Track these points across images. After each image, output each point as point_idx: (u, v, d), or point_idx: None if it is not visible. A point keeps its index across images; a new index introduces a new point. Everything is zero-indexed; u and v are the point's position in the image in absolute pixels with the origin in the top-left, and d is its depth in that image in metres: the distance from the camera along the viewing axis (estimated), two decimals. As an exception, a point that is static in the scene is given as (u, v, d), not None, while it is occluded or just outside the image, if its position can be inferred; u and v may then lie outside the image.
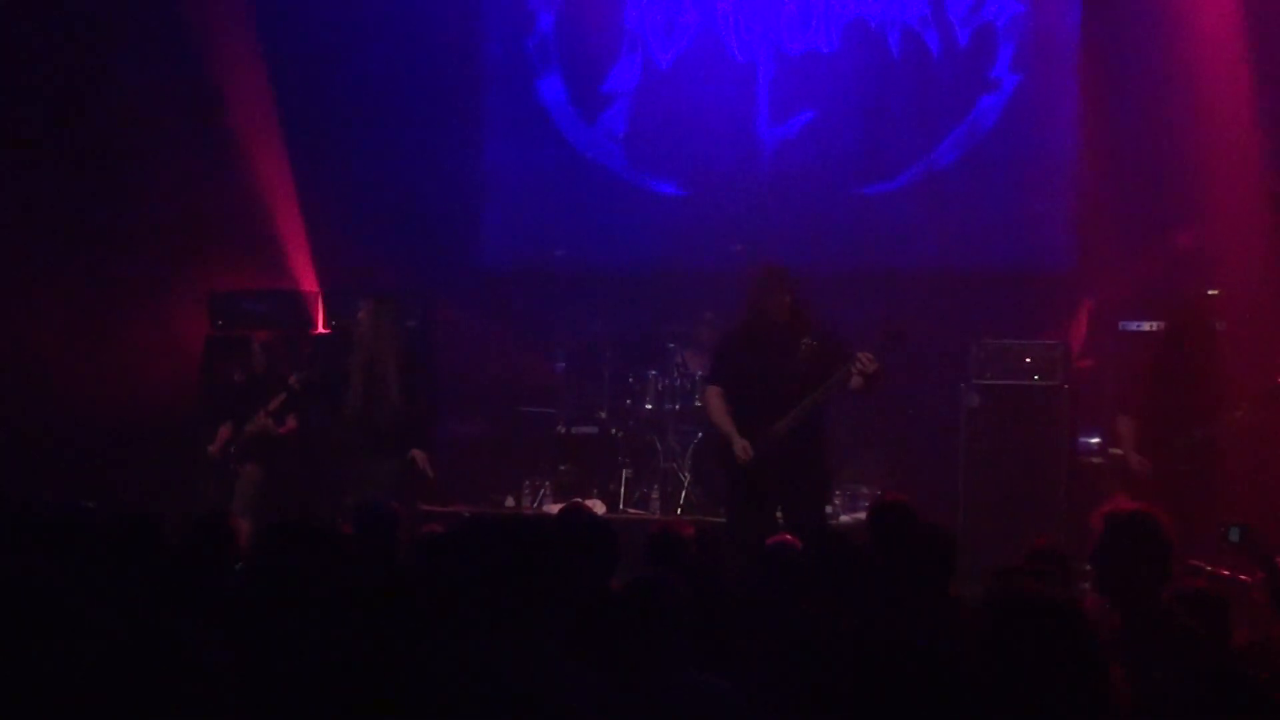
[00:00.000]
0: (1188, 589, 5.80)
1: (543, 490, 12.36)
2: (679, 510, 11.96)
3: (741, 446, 9.30)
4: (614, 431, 12.57)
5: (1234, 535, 6.78)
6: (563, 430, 12.62)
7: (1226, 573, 6.85)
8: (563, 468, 12.51)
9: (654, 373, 12.62)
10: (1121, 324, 11.55)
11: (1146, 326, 11.26)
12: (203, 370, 12.68)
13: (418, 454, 10.69)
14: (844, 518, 11.87)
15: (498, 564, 4.72)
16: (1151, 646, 5.17)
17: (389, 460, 10.66)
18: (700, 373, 12.02)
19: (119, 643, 3.73)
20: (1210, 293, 11.55)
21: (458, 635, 4.71)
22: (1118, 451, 10.44)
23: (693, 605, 5.01)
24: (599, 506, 11.53)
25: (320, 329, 12.95)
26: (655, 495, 12.26)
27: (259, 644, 4.59)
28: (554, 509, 11.44)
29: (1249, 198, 12.08)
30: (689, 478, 12.17)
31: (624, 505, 12.22)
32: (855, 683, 3.67)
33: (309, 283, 13.42)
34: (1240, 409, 9.74)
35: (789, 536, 7.23)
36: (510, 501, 12.40)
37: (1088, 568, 9.29)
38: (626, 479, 12.39)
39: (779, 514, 9.35)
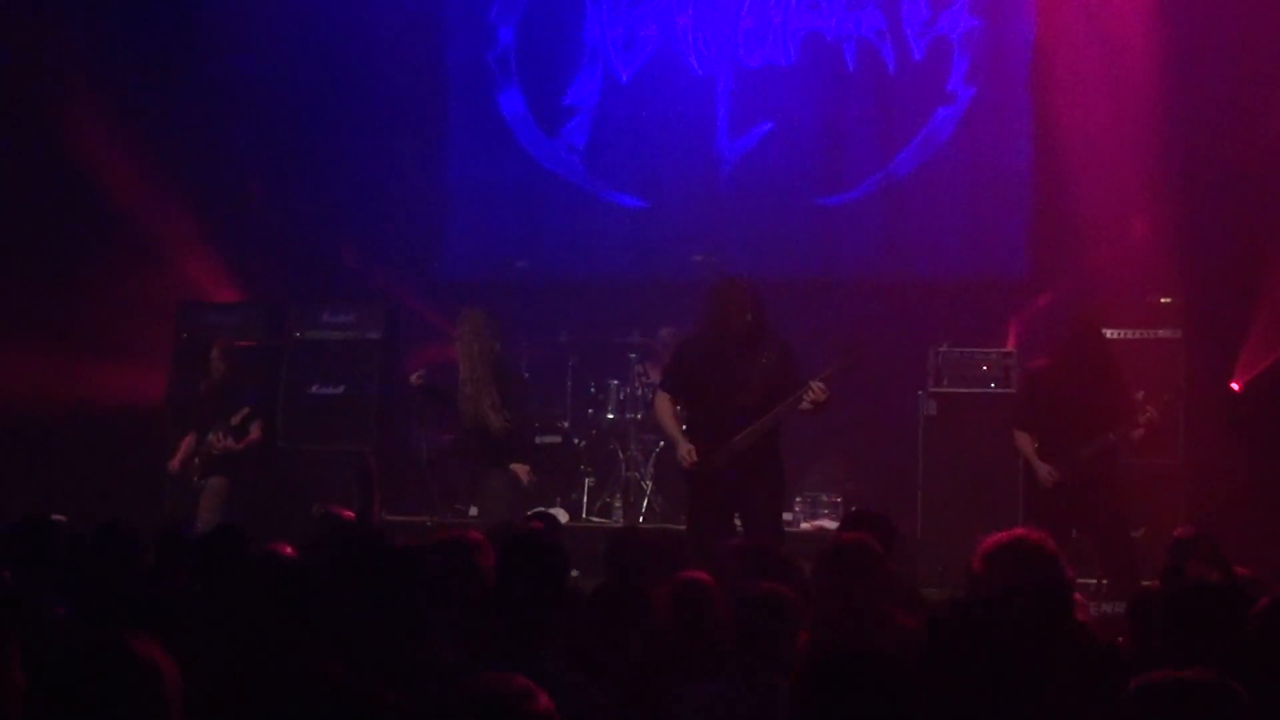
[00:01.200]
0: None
1: (506, 499, 12.42)
2: (641, 518, 12.06)
3: (686, 450, 9.32)
4: (576, 441, 12.67)
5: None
6: (526, 439, 12.72)
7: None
8: (525, 477, 12.60)
9: (615, 382, 12.71)
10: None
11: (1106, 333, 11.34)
12: (170, 381, 12.73)
13: (518, 468, 10.58)
14: (805, 524, 12.00)
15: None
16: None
17: (498, 472, 10.62)
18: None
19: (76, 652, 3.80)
20: (1163, 300, 11.71)
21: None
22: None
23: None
24: (562, 515, 11.57)
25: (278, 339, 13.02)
26: (618, 504, 12.36)
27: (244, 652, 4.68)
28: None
29: (1202, 207, 12.25)
30: (651, 486, 12.27)
31: (587, 514, 12.33)
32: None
33: (275, 294, 13.49)
34: (1146, 416, 9.84)
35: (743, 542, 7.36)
36: (474, 511, 12.44)
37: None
38: (589, 488, 12.51)
39: (737, 521, 9.44)
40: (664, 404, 9.62)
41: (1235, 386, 11.72)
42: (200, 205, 13.73)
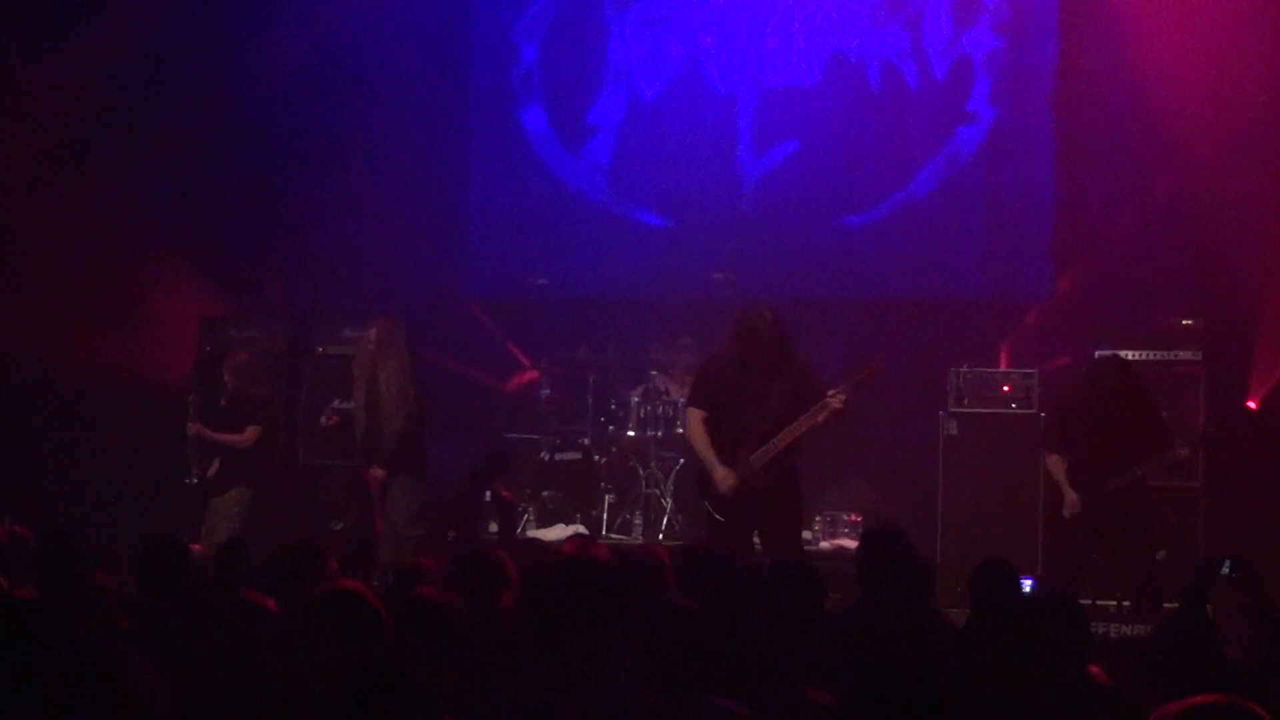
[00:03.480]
0: None
1: (526, 516, 12.43)
2: (660, 536, 12.05)
3: (722, 475, 9.39)
4: (596, 458, 12.69)
5: (1225, 568, 6.88)
6: (546, 456, 12.74)
7: None
8: (546, 494, 12.62)
9: (636, 399, 12.72)
10: (1097, 351, 11.57)
11: (1126, 354, 11.32)
12: (192, 394, 12.73)
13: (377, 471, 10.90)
14: (824, 544, 12.00)
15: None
16: None
17: (396, 480, 10.94)
18: (681, 399, 12.14)
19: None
20: (1185, 322, 11.69)
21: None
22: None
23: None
24: (581, 532, 11.62)
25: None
26: (638, 521, 12.37)
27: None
28: (538, 534, 11.61)
29: (1226, 229, 12.23)
30: (671, 503, 12.27)
31: (606, 531, 12.33)
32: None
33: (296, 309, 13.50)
34: (1179, 450, 9.86)
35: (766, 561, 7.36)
36: (493, 527, 12.46)
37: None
38: (609, 505, 12.52)
39: (756, 540, 9.47)
40: (696, 423, 9.64)
41: (1252, 405, 11.72)
42: (224, 220, 13.76)
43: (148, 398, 12.92)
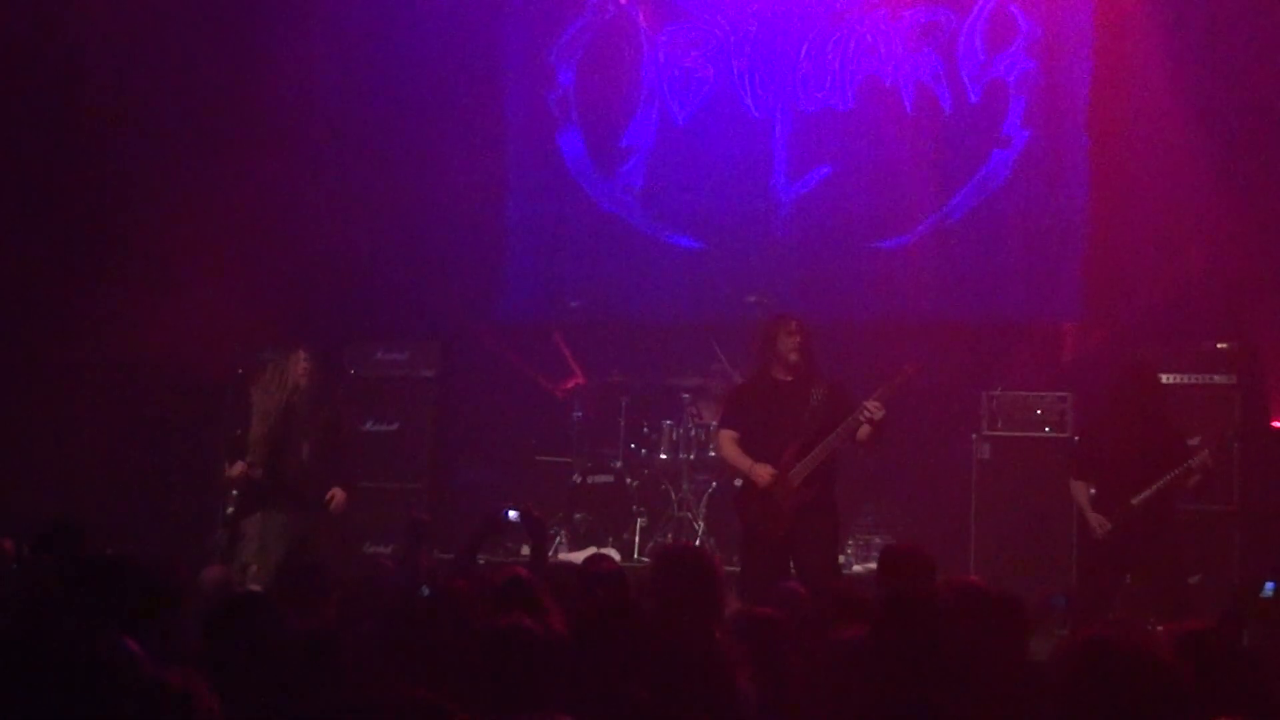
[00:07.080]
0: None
1: (558, 539, 12.44)
2: (692, 559, 12.01)
3: (761, 471, 9.32)
4: (629, 481, 12.68)
5: (1268, 591, 6.82)
6: (578, 479, 12.74)
7: None
8: (578, 516, 12.62)
9: (669, 423, 12.74)
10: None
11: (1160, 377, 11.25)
12: (227, 418, 12.76)
13: (337, 491, 10.25)
14: (856, 567, 11.96)
15: None
16: None
17: (290, 516, 10.24)
18: (714, 423, 12.14)
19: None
20: (1219, 345, 11.63)
21: None
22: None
23: None
24: (613, 555, 11.60)
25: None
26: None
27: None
28: (570, 557, 11.58)
29: (1259, 251, 12.18)
30: (703, 526, 12.26)
31: (638, 554, 12.33)
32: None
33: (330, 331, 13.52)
34: (1200, 459, 9.81)
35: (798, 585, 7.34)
36: (525, 550, 12.46)
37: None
38: (641, 528, 12.50)
39: (791, 563, 9.43)
40: (727, 441, 9.63)
41: (1278, 425, 11.66)
42: (258, 241, 13.80)
43: (189, 418, 12.97)
